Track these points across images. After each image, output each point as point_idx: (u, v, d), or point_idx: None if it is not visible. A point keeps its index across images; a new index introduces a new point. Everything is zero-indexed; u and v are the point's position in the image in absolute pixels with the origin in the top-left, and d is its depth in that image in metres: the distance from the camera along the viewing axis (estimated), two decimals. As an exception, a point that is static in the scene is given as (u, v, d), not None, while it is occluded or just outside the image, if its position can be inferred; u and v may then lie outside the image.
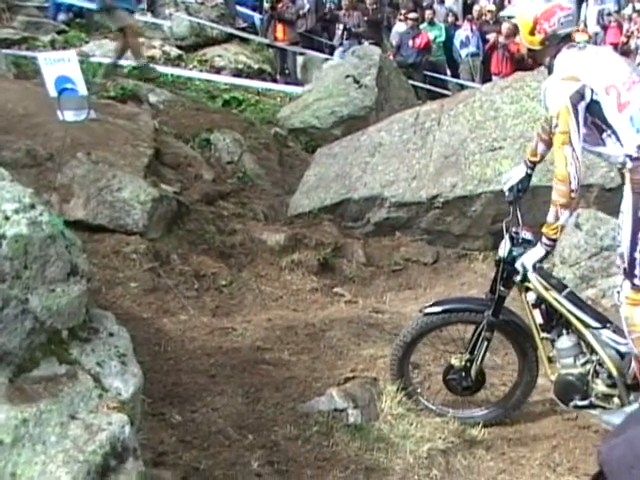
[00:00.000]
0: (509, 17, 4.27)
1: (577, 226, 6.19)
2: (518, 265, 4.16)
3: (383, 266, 7.25)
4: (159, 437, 3.82)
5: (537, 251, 4.08)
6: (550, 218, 3.96)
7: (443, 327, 4.67)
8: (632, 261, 3.90)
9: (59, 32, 13.04)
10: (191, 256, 6.34)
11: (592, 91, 3.88)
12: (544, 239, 4.03)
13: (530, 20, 4.00)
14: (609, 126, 3.93)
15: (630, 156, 3.91)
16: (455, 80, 15.48)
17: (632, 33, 15.93)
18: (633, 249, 3.89)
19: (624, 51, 14.27)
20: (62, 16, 13.92)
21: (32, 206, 2.98)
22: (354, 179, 7.86)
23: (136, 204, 6.21)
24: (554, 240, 4.03)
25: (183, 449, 3.81)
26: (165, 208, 6.44)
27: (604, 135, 3.96)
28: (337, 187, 7.91)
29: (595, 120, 3.94)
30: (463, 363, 4.50)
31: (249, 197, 8.07)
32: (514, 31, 4.34)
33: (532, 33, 4.02)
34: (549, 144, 4.47)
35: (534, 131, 7.19)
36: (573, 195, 3.88)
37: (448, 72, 15.85)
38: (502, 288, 4.30)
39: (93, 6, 13.86)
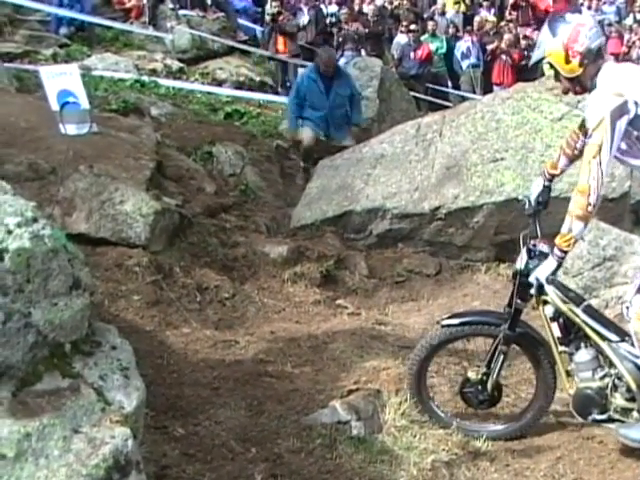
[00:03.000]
0: (541, 60, 4.16)
1: (579, 236, 6.19)
2: (532, 279, 4.13)
3: (386, 278, 7.24)
4: (162, 450, 3.81)
5: (549, 263, 4.04)
6: (564, 229, 3.93)
7: (460, 339, 4.65)
8: None
9: (61, 46, 13.05)
10: (193, 269, 6.33)
11: (637, 105, 3.83)
12: (556, 250, 3.99)
13: (561, 50, 3.91)
14: None
15: None
16: (456, 92, 15.51)
17: (633, 43, 15.98)
18: None
19: (625, 61, 14.29)
20: (64, 30, 13.93)
21: (34, 220, 2.97)
22: (356, 191, 7.86)
23: (138, 217, 6.21)
24: (566, 252, 3.99)
25: (186, 462, 3.80)
26: (167, 221, 6.43)
27: None
28: (339, 199, 7.91)
29: None
30: (479, 376, 4.47)
31: (251, 210, 8.07)
32: (515, 42, 4.32)
33: (568, 61, 3.92)
34: (572, 159, 4.43)
35: (535, 142, 7.27)
36: (590, 209, 3.84)
37: (449, 83, 15.89)
38: (519, 301, 4.28)
39: (94, 20, 14.00)
